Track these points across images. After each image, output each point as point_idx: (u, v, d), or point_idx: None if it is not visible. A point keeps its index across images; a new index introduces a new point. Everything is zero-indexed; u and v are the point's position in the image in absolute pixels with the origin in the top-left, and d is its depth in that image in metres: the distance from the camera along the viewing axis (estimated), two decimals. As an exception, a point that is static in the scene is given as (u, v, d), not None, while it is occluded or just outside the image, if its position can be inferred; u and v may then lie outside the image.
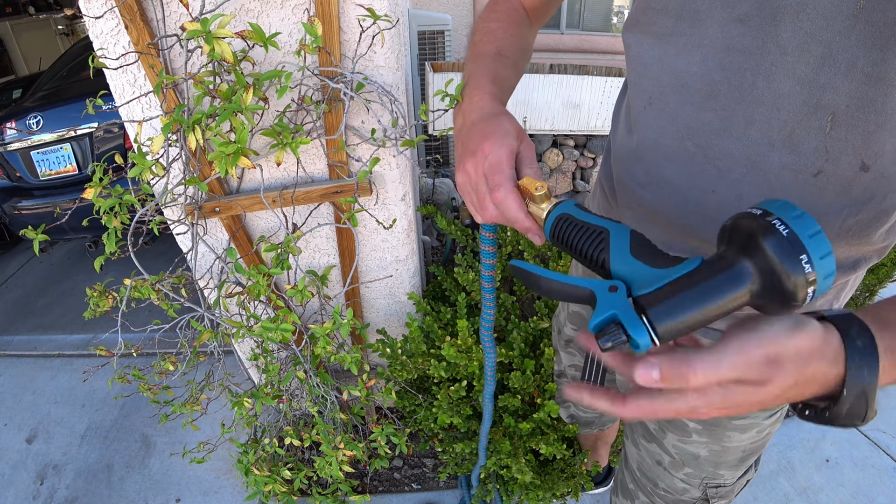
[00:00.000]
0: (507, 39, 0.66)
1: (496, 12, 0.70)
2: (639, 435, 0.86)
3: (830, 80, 0.42)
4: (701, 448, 0.76)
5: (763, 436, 0.75)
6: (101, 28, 1.04)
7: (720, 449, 0.75)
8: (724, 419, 0.71)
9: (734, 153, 0.50)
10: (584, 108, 1.68)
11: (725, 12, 0.46)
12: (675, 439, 0.78)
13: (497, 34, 0.66)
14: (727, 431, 0.73)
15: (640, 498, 0.92)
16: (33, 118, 2.60)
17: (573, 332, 0.97)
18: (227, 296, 1.21)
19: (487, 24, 0.69)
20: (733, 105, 0.48)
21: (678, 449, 0.79)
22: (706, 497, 0.82)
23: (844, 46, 0.41)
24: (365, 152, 1.21)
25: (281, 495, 1.43)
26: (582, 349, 0.96)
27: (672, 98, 0.53)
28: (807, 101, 0.44)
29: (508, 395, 1.29)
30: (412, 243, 1.45)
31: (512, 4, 0.71)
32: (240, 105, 0.85)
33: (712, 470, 0.78)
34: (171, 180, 1.17)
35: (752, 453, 0.77)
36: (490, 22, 0.69)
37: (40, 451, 1.99)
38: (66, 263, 3.34)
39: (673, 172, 0.55)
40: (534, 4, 0.72)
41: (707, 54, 0.48)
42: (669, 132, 0.54)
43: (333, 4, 0.99)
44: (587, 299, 0.36)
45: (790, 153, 0.47)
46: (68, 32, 7.04)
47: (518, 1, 0.72)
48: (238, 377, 1.64)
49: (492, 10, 0.71)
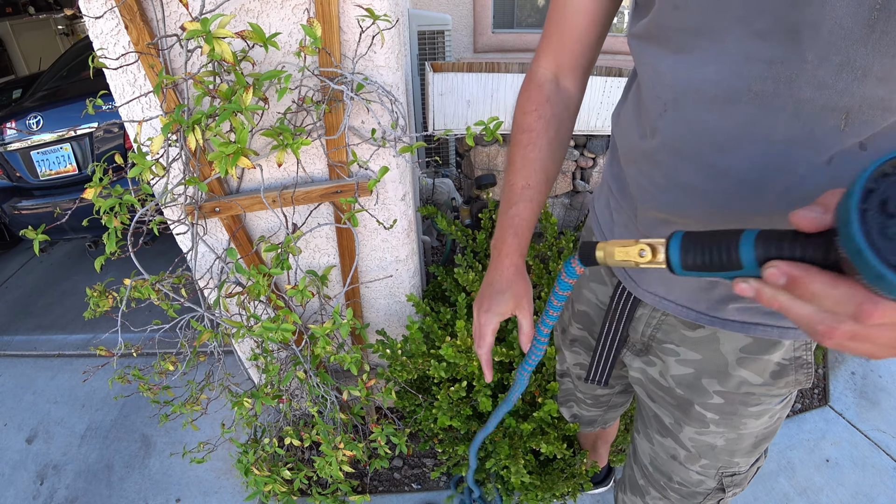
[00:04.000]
0: (535, 166, 0.70)
1: (530, 115, 0.70)
2: (653, 430, 0.86)
3: (848, 86, 0.44)
4: (718, 438, 0.77)
5: (774, 421, 0.76)
6: (100, 28, 1.04)
7: (736, 437, 0.76)
8: (741, 407, 0.73)
9: (754, 156, 0.51)
10: (585, 107, 1.68)
11: (744, 27, 0.47)
12: (693, 432, 0.79)
13: (528, 155, 0.70)
14: (743, 419, 0.74)
15: (650, 493, 0.92)
16: (33, 118, 2.60)
17: (579, 332, 0.96)
18: (227, 296, 1.21)
19: (521, 134, 0.71)
20: (754, 112, 0.49)
21: (695, 441, 0.79)
22: (722, 486, 0.83)
23: (861, 54, 0.43)
24: (365, 152, 1.21)
25: (281, 495, 1.43)
26: (588, 348, 0.96)
27: (690, 106, 0.54)
28: (825, 105, 0.46)
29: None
30: (412, 243, 1.45)
31: (545, 94, 0.70)
32: (240, 105, 0.85)
33: (728, 458, 0.79)
34: (171, 180, 1.17)
35: (764, 439, 0.79)
36: (523, 132, 0.71)
37: (40, 451, 1.99)
38: (66, 263, 3.34)
39: (694, 177, 0.56)
40: (574, 78, 0.71)
41: (725, 65, 0.49)
42: (688, 139, 0.55)
43: (333, 4, 0.99)
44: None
45: (808, 150, 0.49)
46: (68, 32, 7.04)
47: (554, 83, 0.70)
48: (238, 377, 1.64)
49: (526, 106, 0.71)
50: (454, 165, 3.33)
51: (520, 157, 0.70)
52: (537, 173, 0.70)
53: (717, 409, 0.75)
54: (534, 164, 0.69)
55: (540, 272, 1.53)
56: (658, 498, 0.91)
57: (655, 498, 0.92)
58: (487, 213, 1.72)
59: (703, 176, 0.55)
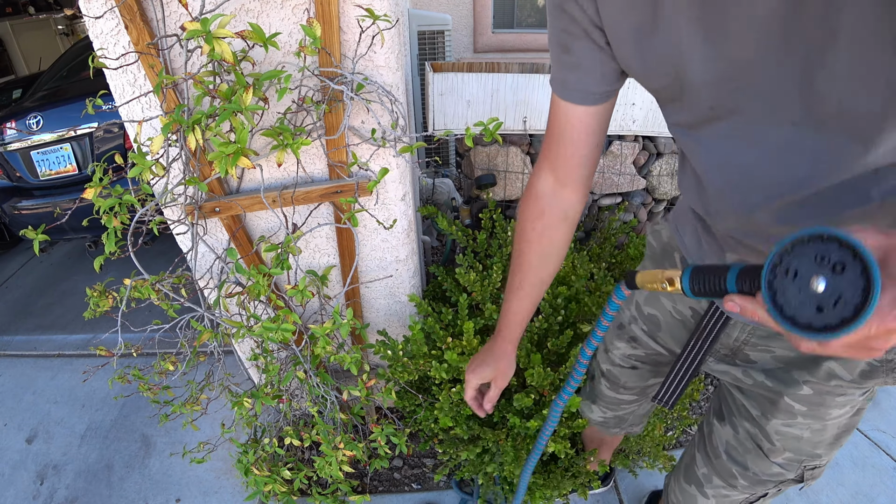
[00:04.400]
0: (529, 273, 0.81)
1: (526, 225, 0.79)
2: (742, 418, 0.87)
3: (875, 159, 0.47)
4: (805, 430, 0.79)
5: (856, 412, 0.78)
6: (100, 28, 1.04)
7: (821, 427, 0.78)
8: (829, 398, 0.75)
9: (800, 219, 0.55)
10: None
11: (778, 116, 0.49)
12: (780, 424, 0.80)
13: (523, 262, 0.81)
14: (830, 409, 0.76)
15: (711, 482, 0.93)
16: (33, 118, 2.60)
17: (641, 332, 0.99)
18: (227, 296, 1.21)
19: (521, 243, 0.81)
20: (794, 192, 0.53)
21: (781, 434, 0.81)
22: (801, 478, 0.85)
23: (882, 128, 0.45)
24: (365, 152, 1.21)
25: (281, 495, 1.43)
26: (647, 348, 0.99)
27: (732, 184, 0.58)
28: (858, 169, 0.49)
29: (522, 395, 1.28)
30: (412, 243, 1.45)
31: (541, 207, 0.77)
32: (239, 105, 0.85)
33: (810, 450, 0.81)
34: (171, 180, 1.17)
35: (846, 431, 0.80)
36: (521, 241, 0.81)
37: (40, 451, 1.99)
38: (66, 263, 3.34)
39: (746, 237, 0.63)
40: (573, 188, 0.75)
41: (765, 152, 0.53)
42: (733, 212, 0.60)
43: (333, 4, 0.99)
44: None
45: (843, 194, 0.52)
46: (68, 32, 7.03)
47: (551, 195, 0.76)
48: (238, 377, 1.64)
49: (524, 215, 0.79)
50: (454, 165, 3.33)
51: (517, 261, 0.82)
52: (530, 277, 0.81)
53: (806, 400, 0.76)
54: (528, 271, 0.81)
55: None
56: (721, 486, 0.92)
57: (717, 487, 0.93)
58: (487, 213, 1.72)
59: (755, 239, 0.61)
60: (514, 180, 1.92)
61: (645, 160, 1.94)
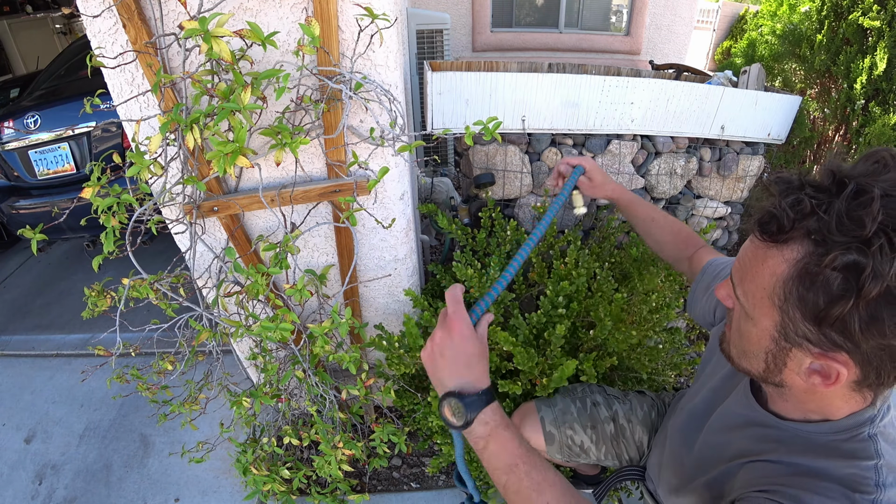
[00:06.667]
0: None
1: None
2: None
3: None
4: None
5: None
6: (98, 27, 1.03)
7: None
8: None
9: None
10: (583, 106, 1.67)
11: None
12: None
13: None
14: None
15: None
16: (31, 117, 2.59)
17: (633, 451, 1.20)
18: (225, 295, 1.21)
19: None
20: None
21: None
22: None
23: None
24: (363, 151, 1.21)
25: (280, 494, 1.43)
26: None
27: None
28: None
29: (509, 382, 1.28)
30: (411, 242, 1.45)
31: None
32: (238, 104, 0.85)
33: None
34: (170, 179, 1.17)
35: None
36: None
37: (39, 450, 1.99)
38: (65, 263, 3.33)
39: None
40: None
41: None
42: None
43: (332, 3, 0.99)
44: None
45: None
46: (66, 31, 7.00)
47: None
48: (237, 376, 1.64)
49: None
50: (453, 164, 3.33)
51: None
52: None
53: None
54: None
55: (542, 271, 1.53)
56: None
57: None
58: (486, 212, 1.72)
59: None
60: (513, 179, 1.91)
61: (643, 159, 1.94)
